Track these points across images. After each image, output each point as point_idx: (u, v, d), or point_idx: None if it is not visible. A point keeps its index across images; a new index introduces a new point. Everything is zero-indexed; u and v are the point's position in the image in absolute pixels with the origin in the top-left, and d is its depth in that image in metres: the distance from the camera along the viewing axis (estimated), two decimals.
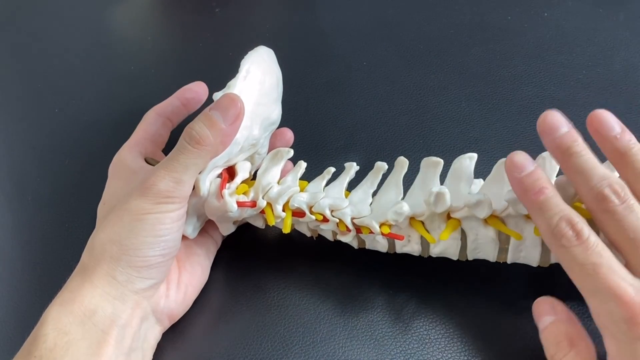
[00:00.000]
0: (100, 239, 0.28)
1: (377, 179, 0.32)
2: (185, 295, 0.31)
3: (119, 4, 0.56)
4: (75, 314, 0.26)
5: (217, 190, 0.31)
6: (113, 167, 0.34)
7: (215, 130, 0.29)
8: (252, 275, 0.34)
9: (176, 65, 0.49)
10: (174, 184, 0.28)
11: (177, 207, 0.28)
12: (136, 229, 0.27)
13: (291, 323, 0.32)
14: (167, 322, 0.31)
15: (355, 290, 0.33)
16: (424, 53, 0.47)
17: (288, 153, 0.33)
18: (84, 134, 0.44)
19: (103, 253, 0.27)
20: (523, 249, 0.30)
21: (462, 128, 0.41)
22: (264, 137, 0.34)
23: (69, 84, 0.48)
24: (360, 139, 0.41)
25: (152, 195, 0.28)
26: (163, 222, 0.28)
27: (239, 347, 0.31)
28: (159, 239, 0.28)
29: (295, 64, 0.39)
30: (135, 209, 0.28)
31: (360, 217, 0.31)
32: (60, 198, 0.39)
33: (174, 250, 0.29)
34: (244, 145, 0.32)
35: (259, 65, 0.33)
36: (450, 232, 0.30)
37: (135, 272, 0.27)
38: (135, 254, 0.27)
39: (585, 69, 0.45)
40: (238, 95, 0.30)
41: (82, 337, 0.25)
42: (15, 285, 0.35)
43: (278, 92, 0.36)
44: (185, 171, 0.28)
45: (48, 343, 0.25)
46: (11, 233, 0.38)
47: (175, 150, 0.29)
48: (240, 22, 0.53)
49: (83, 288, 0.27)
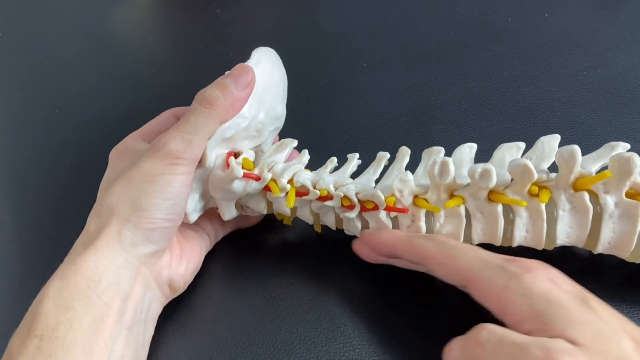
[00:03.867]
0: (110, 200, 0.28)
1: (380, 168, 0.33)
2: (186, 270, 0.31)
3: (120, 5, 0.56)
4: (78, 286, 0.25)
5: (223, 162, 0.31)
6: (116, 152, 0.33)
7: (226, 92, 0.30)
8: (252, 275, 0.34)
9: (177, 66, 0.49)
10: (184, 144, 0.28)
11: (187, 170, 0.29)
12: (147, 190, 0.27)
13: (292, 322, 0.32)
14: (169, 292, 0.31)
15: (357, 289, 0.33)
16: (425, 54, 0.48)
17: (292, 142, 0.34)
18: (84, 134, 0.44)
19: (112, 214, 0.27)
20: (528, 230, 0.30)
21: (462, 129, 0.41)
22: (269, 131, 0.34)
23: (70, 84, 0.48)
24: (360, 140, 0.41)
25: (163, 156, 0.28)
26: (173, 184, 0.28)
27: (240, 347, 0.31)
28: (168, 202, 0.28)
29: (296, 65, 0.39)
30: (146, 170, 0.28)
31: (364, 191, 0.31)
32: (60, 198, 0.39)
33: (178, 218, 0.29)
34: (250, 125, 0.32)
35: (269, 58, 0.34)
36: (454, 203, 0.30)
37: (141, 235, 0.27)
38: (144, 215, 0.27)
39: (586, 69, 0.45)
40: (250, 66, 0.31)
41: (86, 313, 0.25)
42: (15, 286, 0.35)
43: (284, 91, 0.36)
44: (196, 131, 0.29)
45: (50, 321, 0.24)
46: (11, 233, 0.38)
47: (187, 113, 0.30)
48: (241, 23, 0.53)
49: (86, 257, 0.26)
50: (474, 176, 0.29)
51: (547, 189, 0.29)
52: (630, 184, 0.28)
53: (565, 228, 0.29)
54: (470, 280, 0.26)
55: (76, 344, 0.24)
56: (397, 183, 0.30)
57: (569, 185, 0.29)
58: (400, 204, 0.31)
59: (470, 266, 0.27)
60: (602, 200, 0.28)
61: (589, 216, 0.29)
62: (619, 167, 0.28)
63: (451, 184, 0.30)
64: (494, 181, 0.29)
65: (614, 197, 0.28)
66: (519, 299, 0.24)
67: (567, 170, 0.28)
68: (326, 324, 0.32)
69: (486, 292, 0.25)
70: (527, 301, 0.24)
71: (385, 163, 0.33)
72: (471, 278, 0.26)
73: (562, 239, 0.29)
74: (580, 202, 0.28)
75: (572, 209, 0.29)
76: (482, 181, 0.29)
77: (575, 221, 0.29)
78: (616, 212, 0.28)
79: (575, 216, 0.29)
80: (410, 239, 0.29)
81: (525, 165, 0.28)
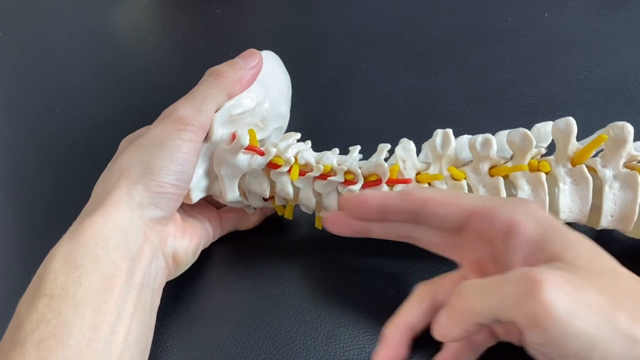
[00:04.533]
0: (120, 163, 0.28)
1: (381, 158, 0.33)
2: (189, 246, 0.31)
3: (120, 5, 0.56)
4: (87, 245, 0.25)
5: (229, 137, 0.31)
6: (126, 139, 0.33)
7: (235, 67, 0.32)
8: (252, 276, 0.34)
9: (177, 66, 0.49)
10: (193, 111, 0.29)
11: (195, 137, 0.29)
12: (156, 154, 0.28)
13: (293, 322, 0.32)
14: (172, 265, 0.31)
15: (358, 289, 0.33)
16: (424, 54, 0.48)
17: (296, 135, 0.34)
18: (84, 134, 0.44)
19: (122, 176, 0.28)
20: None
21: (462, 129, 0.41)
22: (273, 127, 0.34)
23: (70, 84, 0.48)
24: (360, 140, 0.41)
25: (172, 122, 0.29)
26: (181, 149, 0.28)
27: (240, 347, 0.31)
28: (177, 167, 0.28)
29: (295, 65, 0.39)
30: (155, 134, 0.29)
31: (367, 165, 0.31)
32: (61, 198, 0.39)
33: (185, 185, 0.29)
34: (256, 111, 0.32)
35: (274, 61, 0.35)
36: (457, 175, 0.30)
37: (149, 198, 0.28)
38: (154, 178, 0.28)
39: (586, 69, 0.45)
40: (257, 51, 0.33)
41: (95, 270, 0.25)
42: (15, 286, 0.35)
43: (288, 94, 0.37)
44: (205, 100, 0.30)
45: (59, 280, 0.24)
46: (11, 233, 0.38)
47: (197, 84, 0.31)
48: (241, 22, 0.53)
49: (95, 217, 0.26)
50: (474, 146, 0.29)
51: (546, 162, 0.30)
52: (626, 155, 0.28)
53: (567, 201, 0.30)
54: (475, 212, 0.27)
55: (86, 301, 0.24)
56: (400, 151, 0.31)
57: (568, 159, 0.29)
58: (402, 177, 0.31)
59: (474, 200, 0.27)
60: (600, 173, 0.29)
61: (589, 187, 0.29)
62: (614, 136, 0.28)
63: (452, 158, 0.30)
64: (495, 149, 0.29)
65: (611, 170, 0.29)
66: (529, 221, 0.25)
67: (564, 142, 0.29)
68: (326, 324, 0.32)
69: (495, 217, 0.26)
70: (536, 222, 0.25)
71: (386, 155, 0.33)
72: (475, 210, 0.27)
73: (565, 213, 0.30)
74: (580, 174, 0.29)
75: (572, 182, 0.30)
76: (483, 150, 0.29)
77: (577, 194, 0.29)
78: (616, 184, 0.29)
79: (576, 189, 0.29)
80: (405, 190, 0.29)
81: (524, 132, 0.29)
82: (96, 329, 0.24)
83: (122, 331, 0.25)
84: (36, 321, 0.23)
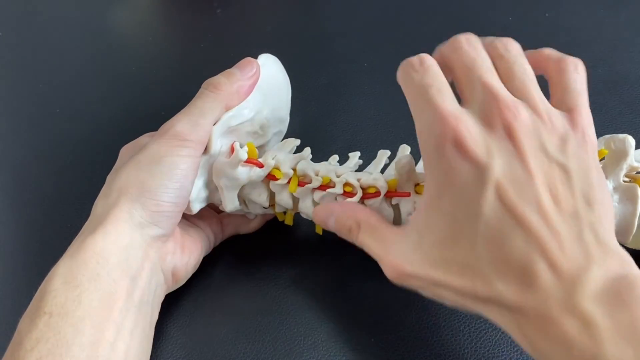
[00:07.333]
0: (119, 181, 0.28)
1: (380, 165, 0.33)
2: (188, 261, 0.31)
3: (121, 5, 0.56)
4: (87, 263, 0.25)
5: (228, 149, 0.31)
6: (126, 147, 0.34)
7: (231, 79, 0.31)
8: (253, 277, 0.34)
9: (177, 66, 0.49)
10: (190, 126, 0.29)
11: (193, 152, 0.29)
12: (154, 171, 0.28)
13: (293, 323, 0.32)
14: (171, 280, 0.31)
15: (357, 290, 0.33)
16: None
17: (295, 141, 0.34)
18: (84, 134, 0.44)
19: (121, 194, 0.28)
20: None
21: None
22: (273, 133, 0.34)
23: (70, 84, 0.48)
24: (360, 141, 0.41)
25: (169, 137, 0.29)
26: (179, 166, 0.28)
27: (240, 347, 0.31)
28: (175, 184, 0.28)
29: (296, 65, 0.39)
30: (153, 152, 0.28)
31: (366, 177, 0.31)
32: (61, 198, 0.39)
33: (184, 202, 0.29)
34: (255, 119, 0.32)
35: (273, 64, 0.35)
36: None
37: (147, 217, 0.28)
38: (151, 197, 0.28)
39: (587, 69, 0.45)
40: (254, 59, 0.33)
41: (95, 289, 0.25)
42: (15, 286, 0.35)
43: (287, 98, 0.37)
44: (202, 114, 0.30)
45: (58, 298, 0.24)
46: (12, 233, 0.38)
47: (194, 98, 0.31)
48: (241, 23, 0.53)
49: (95, 235, 0.26)
50: None
51: None
52: (627, 167, 0.28)
53: None
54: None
55: (85, 319, 0.24)
56: (398, 158, 0.30)
57: None
58: (401, 190, 0.31)
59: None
60: None
61: None
62: (615, 149, 0.28)
63: None
64: None
65: (611, 182, 0.29)
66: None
67: None
68: (326, 324, 0.32)
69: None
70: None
71: (386, 161, 0.33)
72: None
73: None
74: None
75: None
76: None
77: None
78: (615, 196, 0.29)
79: None
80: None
81: None
82: (95, 346, 0.24)
83: (121, 347, 0.25)
84: (36, 339, 0.24)
